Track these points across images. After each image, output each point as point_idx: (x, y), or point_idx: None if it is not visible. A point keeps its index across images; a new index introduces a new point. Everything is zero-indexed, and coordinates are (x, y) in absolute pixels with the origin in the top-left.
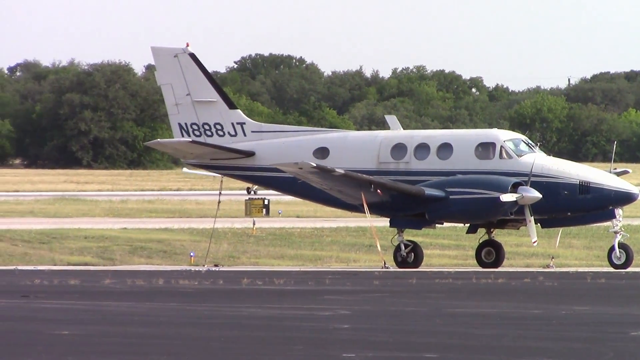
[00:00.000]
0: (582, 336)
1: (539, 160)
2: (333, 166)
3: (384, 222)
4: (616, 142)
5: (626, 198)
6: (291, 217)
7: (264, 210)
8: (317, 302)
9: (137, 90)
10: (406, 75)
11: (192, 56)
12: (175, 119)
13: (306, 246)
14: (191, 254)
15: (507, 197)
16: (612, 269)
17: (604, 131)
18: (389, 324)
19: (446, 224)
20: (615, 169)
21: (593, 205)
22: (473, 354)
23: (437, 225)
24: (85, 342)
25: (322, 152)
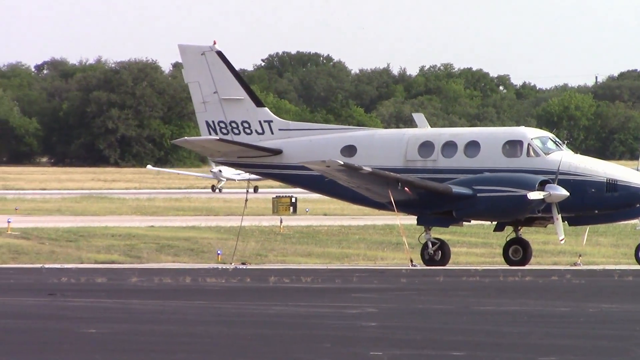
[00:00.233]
0: (610, 334)
1: (566, 158)
2: (360, 164)
3: (412, 220)
4: None
5: None
6: (318, 215)
7: (292, 208)
8: (345, 300)
9: (165, 88)
10: (433, 73)
11: (220, 54)
12: (202, 117)
13: (333, 244)
14: (218, 252)
15: (535, 195)
16: None
17: (632, 129)
18: (416, 322)
19: (473, 222)
20: None
21: (620, 203)
22: (500, 352)
23: (465, 223)
24: (112, 341)
25: (350, 150)
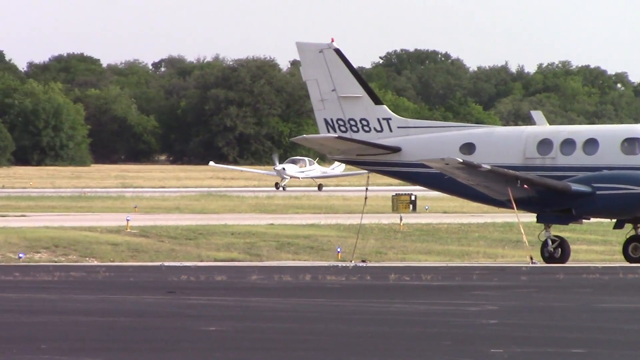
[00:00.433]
0: None
1: None
2: (479, 162)
3: (531, 218)
4: None
5: None
6: (438, 213)
7: (411, 206)
8: (465, 298)
9: (283, 85)
10: (551, 70)
11: (338, 51)
12: (321, 115)
13: (453, 242)
14: (338, 250)
15: None
16: None
17: None
18: (536, 320)
19: (593, 219)
20: None
21: None
22: (620, 349)
23: (584, 220)
24: (231, 338)
25: (469, 148)
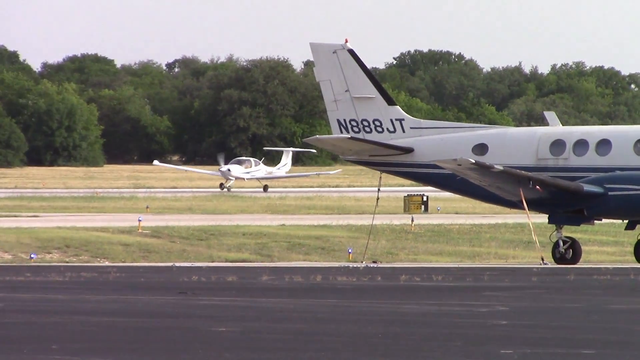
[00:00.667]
0: None
1: None
2: (492, 162)
3: (543, 219)
4: None
5: None
6: (450, 214)
7: (423, 206)
8: (476, 299)
9: (296, 86)
10: (565, 71)
11: (351, 52)
12: (334, 115)
13: (464, 242)
14: (349, 251)
15: None
16: None
17: None
18: (547, 321)
19: (604, 220)
20: None
21: None
22: (632, 350)
23: (596, 221)
24: (242, 339)
25: (481, 149)
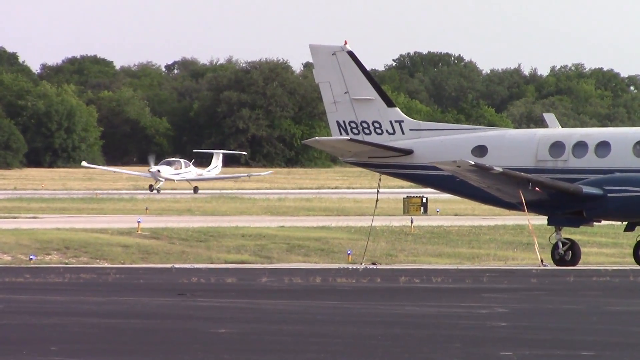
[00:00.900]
0: None
1: None
2: (491, 164)
3: (542, 220)
4: None
5: None
6: (449, 215)
7: (422, 208)
8: (475, 300)
9: (295, 88)
10: (564, 73)
11: (351, 54)
12: (333, 117)
13: (464, 244)
14: (349, 252)
15: None
16: None
17: None
18: (546, 322)
19: (604, 222)
20: None
21: None
22: (631, 352)
23: (595, 223)
24: (242, 341)
25: (481, 150)
